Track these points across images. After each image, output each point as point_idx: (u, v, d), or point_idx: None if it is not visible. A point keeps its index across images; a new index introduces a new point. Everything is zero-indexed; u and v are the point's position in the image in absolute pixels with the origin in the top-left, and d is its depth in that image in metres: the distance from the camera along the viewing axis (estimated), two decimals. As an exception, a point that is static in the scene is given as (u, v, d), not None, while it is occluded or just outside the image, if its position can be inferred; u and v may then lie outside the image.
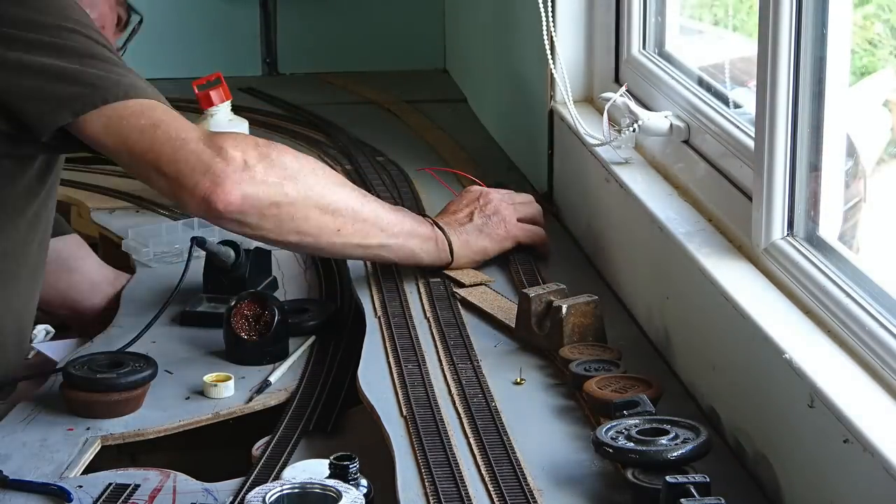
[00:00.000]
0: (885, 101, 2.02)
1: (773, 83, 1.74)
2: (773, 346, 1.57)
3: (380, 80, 3.61)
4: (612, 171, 2.20)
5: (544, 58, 2.43)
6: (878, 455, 1.33)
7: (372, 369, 1.91)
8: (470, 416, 1.76)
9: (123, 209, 2.71)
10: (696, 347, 1.83)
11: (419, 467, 1.64)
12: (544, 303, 1.97)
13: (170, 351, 2.08)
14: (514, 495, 1.56)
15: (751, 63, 1.89)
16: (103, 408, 1.87)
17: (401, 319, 2.07)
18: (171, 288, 2.29)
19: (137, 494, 1.68)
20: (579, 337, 1.92)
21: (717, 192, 1.99)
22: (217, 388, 1.94)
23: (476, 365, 1.91)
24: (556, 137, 2.56)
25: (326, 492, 1.48)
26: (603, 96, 2.31)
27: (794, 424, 1.52)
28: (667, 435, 1.58)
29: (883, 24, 1.91)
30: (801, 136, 1.74)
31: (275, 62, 3.75)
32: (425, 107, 3.34)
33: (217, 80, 2.64)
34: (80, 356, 1.96)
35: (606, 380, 1.77)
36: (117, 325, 2.18)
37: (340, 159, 2.87)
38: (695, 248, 1.85)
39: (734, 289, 1.71)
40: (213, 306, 2.19)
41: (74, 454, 1.78)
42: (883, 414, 1.42)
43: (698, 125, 2.14)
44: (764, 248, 1.78)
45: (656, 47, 2.45)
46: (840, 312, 1.58)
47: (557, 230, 2.47)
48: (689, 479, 1.46)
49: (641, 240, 2.06)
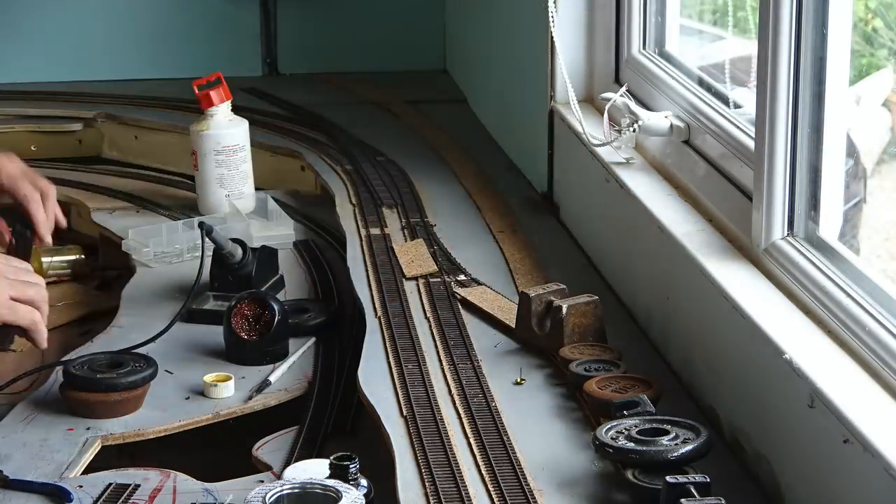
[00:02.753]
0: (885, 100, 2.02)
1: (773, 83, 1.74)
2: (773, 346, 1.57)
3: (380, 80, 3.61)
4: (612, 171, 2.20)
5: (544, 58, 2.43)
6: (878, 455, 1.33)
7: (372, 369, 1.91)
8: (470, 416, 1.76)
9: (123, 209, 2.71)
10: (696, 347, 1.83)
11: (419, 467, 1.64)
12: (544, 303, 1.97)
13: (170, 351, 2.08)
14: (514, 495, 1.56)
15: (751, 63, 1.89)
16: (103, 408, 1.87)
17: (401, 319, 2.07)
18: (171, 287, 2.30)
19: (137, 494, 1.68)
20: (579, 337, 1.92)
21: (717, 193, 2.00)
22: (217, 388, 1.94)
23: (476, 365, 1.91)
24: (556, 137, 2.56)
25: (326, 492, 1.48)
26: (603, 96, 2.31)
27: (794, 424, 1.52)
28: (667, 435, 1.58)
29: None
30: (801, 136, 1.74)
31: (275, 62, 3.75)
32: (425, 107, 3.34)
33: (217, 80, 2.64)
34: (80, 356, 1.96)
35: (606, 380, 1.77)
36: (117, 325, 2.18)
37: (340, 159, 2.87)
38: (695, 249, 1.85)
39: (734, 289, 1.72)
40: (220, 304, 2.19)
41: (74, 454, 1.78)
42: (883, 414, 1.42)
43: (698, 125, 2.14)
44: (764, 249, 1.78)
45: (656, 47, 2.45)
46: (840, 312, 1.58)
47: (558, 230, 2.48)
48: (689, 479, 1.46)
49: (641, 240, 2.06)
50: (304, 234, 2.56)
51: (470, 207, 2.59)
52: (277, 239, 2.46)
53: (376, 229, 2.46)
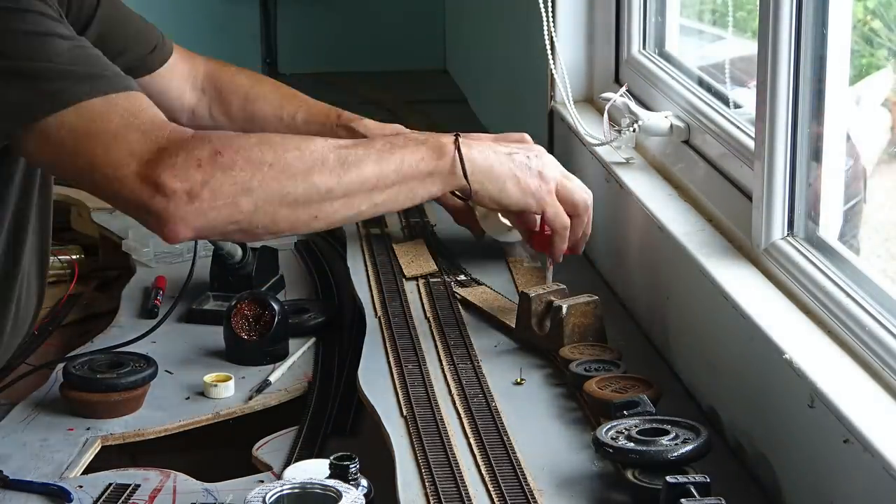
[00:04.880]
0: (885, 100, 2.02)
1: (773, 83, 1.74)
2: (773, 346, 1.57)
3: (380, 80, 3.61)
4: (612, 171, 2.20)
5: (544, 58, 2.43)
6: (878, 455, 1.33)
7: (372, 369, 1.91)
8: (470, 416, 1.76)
9: (123, 209, 2.71)
10: (696, 347, 1.83)
11: (419, 467, 1.64)
12: (544, 303, 1.97)
13: (170, 351, 2.08)
14: (514, 495, 1.56)
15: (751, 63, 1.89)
16: (103, 408, 1.87)
17: (401, 319, 2.07)
18: (171, 288, 2.29)
19: (137, 494, 1.68)
20: (579, 337, 1.92)
21: (717, 193, 2.00)
22: (217, 388, 1.94)
23: (476, 365, 1.91)
24: (556, 137, 2.56)
25: (326, 492, 1.48)
26: (603, 96, 2.31)
27: (794, 424, 1.52)
28: (667, 435, 1.58)
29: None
30: (801, 136, 1.74)
31: (275, 62, 3.76)
32: (425, 107, 3.34)
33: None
34: (80, 356, 1.96)
35: (606, 380, 1.77)
36: (117, 325, 2.18)
37: (340, 159, 2.86)
38: (695, 249, 1.85)
39: (734, 289, 1.71)
40: (220, 304, 2.19)
41: (74, 454, 1.78)
42: (883, 414, 1.42)
43: (698, 125, 2.14)
44: (764, 249, 1.78)
45: (656, 47, 2.45)
46: (840, 312, 1.58)
47: (557, 230, 2.47)
48: (689, 480, 1.46)
49: (641, 240, 2.06)
50: (305, 235, 2.56)
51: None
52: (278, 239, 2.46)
53: (376, 229, 2.46)
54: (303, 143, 1.80)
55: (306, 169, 1.78)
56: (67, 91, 1.73)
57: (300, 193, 1.77)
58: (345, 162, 1.80)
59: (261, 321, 2.05)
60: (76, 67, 1.75)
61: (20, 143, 1.76)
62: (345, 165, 1.80)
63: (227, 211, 1.74)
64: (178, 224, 1.73)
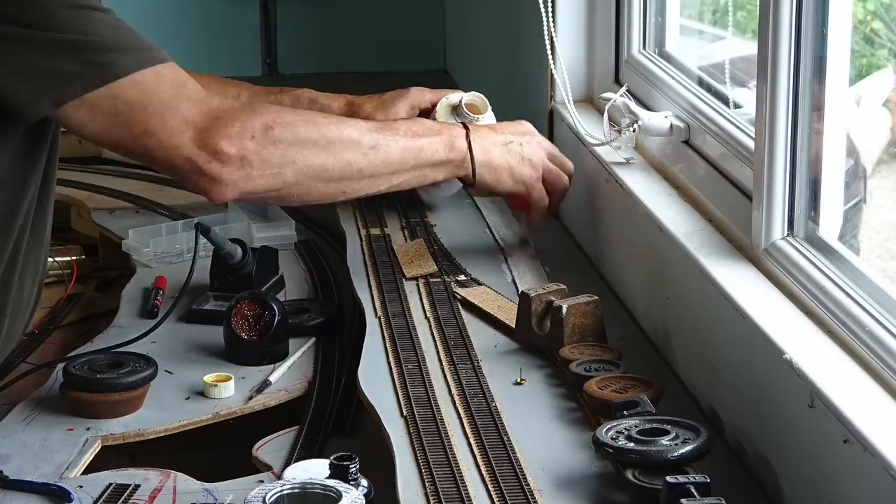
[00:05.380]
0: (885, 101, 2.02)
1: (773, 83, 1.74)
2: (773, 346, 1.57)
3: (380, 80, 3.60)
4: (612, 171, 2.20)
5: (544, 58, 2.43)
6: (878, 455, 1.33)
7: (372, 369, 1.91)
8: (470, 416, 1.76)
9: (123, 209, 2.71)
10: (696, 347, 1.83)
11: (419, 467, 1.64)
12: (544, 303, 1.97)
13: (170, 351, 2.08)
14: (514, 495, 1.56)
15: (751, 63, 1.89)
16: (103, 408, 1.87)
17: (401, 319, 2.07)
18: (171, 288, 2.29)
19: (137, 494, 1.68)
20: (579, 337, 1.92)
21: (717, 193, 2.00)
22: (217, 388, 1.94)
23: (476, 365, 1.91)
24: (556, 137, 2.56)
25: (326, 492, 1.48)
26: (603, 96, 2.31)
27: (794, 424, 1.52)
28: (667, 435, 1.58)
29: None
30: (801, 136, 1.74)
31: (275, 62, 3.76)
32: (425, 107, 3.33)
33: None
34: (80, 356, 1.96)
35: (606, 380, 1.77)
36: (117, 326, 2.18)
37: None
38: (695, 249, 1.85)
39: (734, 289, 1.71)
40: (220, 304, 2.19)
41: (74, 454, 1.78)
42: (883, 414, 1.42)
43: (698, 125, 2.14)
44: (764, 249, 1.78)
45: (656, 47, 2.45)
46: (840, 312, 1.58)
47: (558, 230, 2.48)
48: (689, 480, 1.46)
49: (641, 240, 2.06)
50: (305, 235, 2.56)
51: (470, 207, 2.59)
52: (279, 239, 2.47)
53: (376, 229, 2.46)
54: (340, 124, 2.02)
55: (344, 148, 1.99)
56: (118, 63, 1.82)
57: (336, 171, 1.98)
58: (376, 146, 2.02)
59: (261, 321, 2.05)
60: (122, 40, 1.83)
61: (65, 113, 1.82)
62: (375, 149, 2.02)
63: (272, 180, 1.92)
64: (228, 187, 1.90)
